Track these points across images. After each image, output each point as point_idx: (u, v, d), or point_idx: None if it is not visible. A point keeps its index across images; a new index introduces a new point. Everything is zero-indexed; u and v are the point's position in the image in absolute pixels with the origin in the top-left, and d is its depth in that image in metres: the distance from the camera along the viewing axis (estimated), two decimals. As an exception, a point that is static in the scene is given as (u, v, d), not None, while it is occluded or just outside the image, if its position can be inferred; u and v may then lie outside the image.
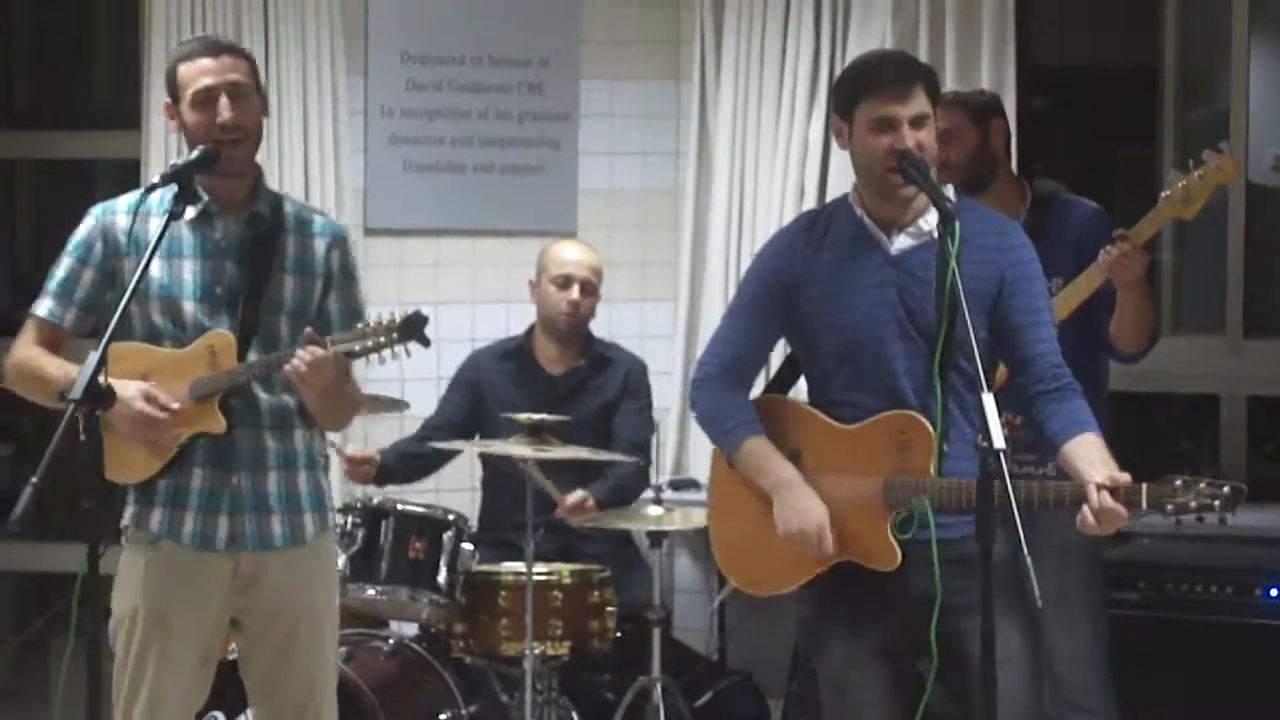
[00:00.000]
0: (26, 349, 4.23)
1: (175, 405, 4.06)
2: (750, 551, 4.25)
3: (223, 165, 4.12)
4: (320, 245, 4.24)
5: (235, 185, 4.19)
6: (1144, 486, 3.78)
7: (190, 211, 4.14)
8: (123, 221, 4.18)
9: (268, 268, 4.18)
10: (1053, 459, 4.14)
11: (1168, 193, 4.69)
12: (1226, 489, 3.74)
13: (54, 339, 4.21)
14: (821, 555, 4.05)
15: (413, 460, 5.93)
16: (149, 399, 4.04)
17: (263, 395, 4.17)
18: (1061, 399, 4.01)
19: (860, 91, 4.08)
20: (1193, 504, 3.75)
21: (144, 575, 4.15)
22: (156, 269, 4.13)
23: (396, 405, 5.81)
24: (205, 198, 4.16)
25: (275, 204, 4.26)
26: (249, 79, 4.18)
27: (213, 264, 4.16)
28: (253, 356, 4.12)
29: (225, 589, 4.18)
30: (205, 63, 4.16)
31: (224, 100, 4.11)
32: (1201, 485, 3.75)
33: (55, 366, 4.16)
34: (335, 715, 4.34)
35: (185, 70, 4.17)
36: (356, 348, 3.94)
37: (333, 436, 5.43)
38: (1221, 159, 4.65)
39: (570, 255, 6.05)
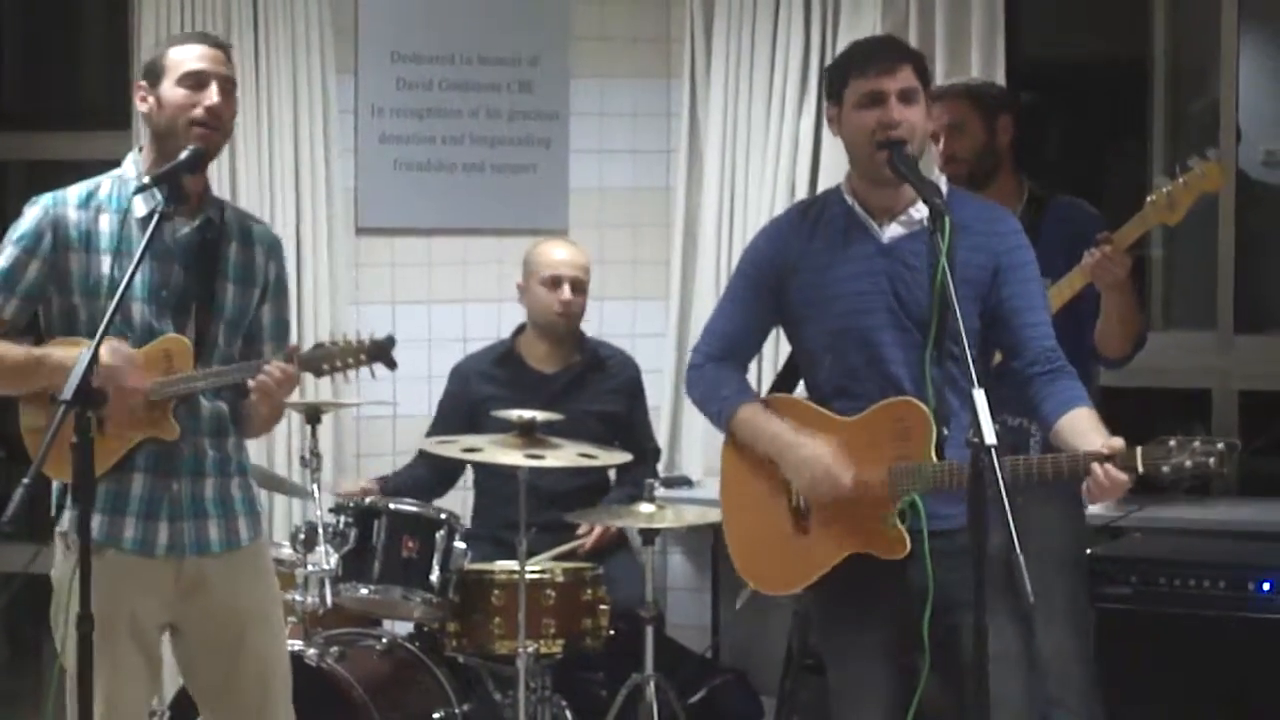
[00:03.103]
0: None
1: (139, 357, 4.03)
2: (764, 550, 4.25)
3: (200, 155, 4.09)
4: (260, 254, 4.24)
5: (197, 183, 4.15)
6: (1138, 450, 3.78)
7: (141, 210, 4.11)
8: (73, 215, 4.12)
9: (214, 275, 4.16)
10: (1035, 439, 4.22)
11: (1153, 198, 4.69)
12: (1221, 445, 3.74)
13: None
14: (842, 490, 4.04)
15: (410, 491, 5.92)
16: (114, 352, 3.98)
17: (204, 402, 4.16)
18: (1054, 379, 4.05)
19: (849, 71, 4.11)
20: (1188, 463, 3.75)
21: (87, 585, 4.05)
22: (107, 266, 4.09)
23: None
24: (159, 198, 4.05)
25: (220, 210, 4.24)
26: (233, 74, 4.17)
27: (161, 266, 4.13)
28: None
29: (168, 594, 4.16)
30: (202, 49, 4.15)
31: (215, 86, 4.10)
32: (1196, 443, 3.75)
33: (2, 347, 4.10)
34: (291, 713, 4.31)
35: (178, 53, 4.14)
36: (324, 366, 3.95)
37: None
38: (1207, 166, 4.63)
39: (558, 255, 6.04)
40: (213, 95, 4.09)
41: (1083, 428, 3.92)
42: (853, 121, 4.09)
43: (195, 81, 4.10)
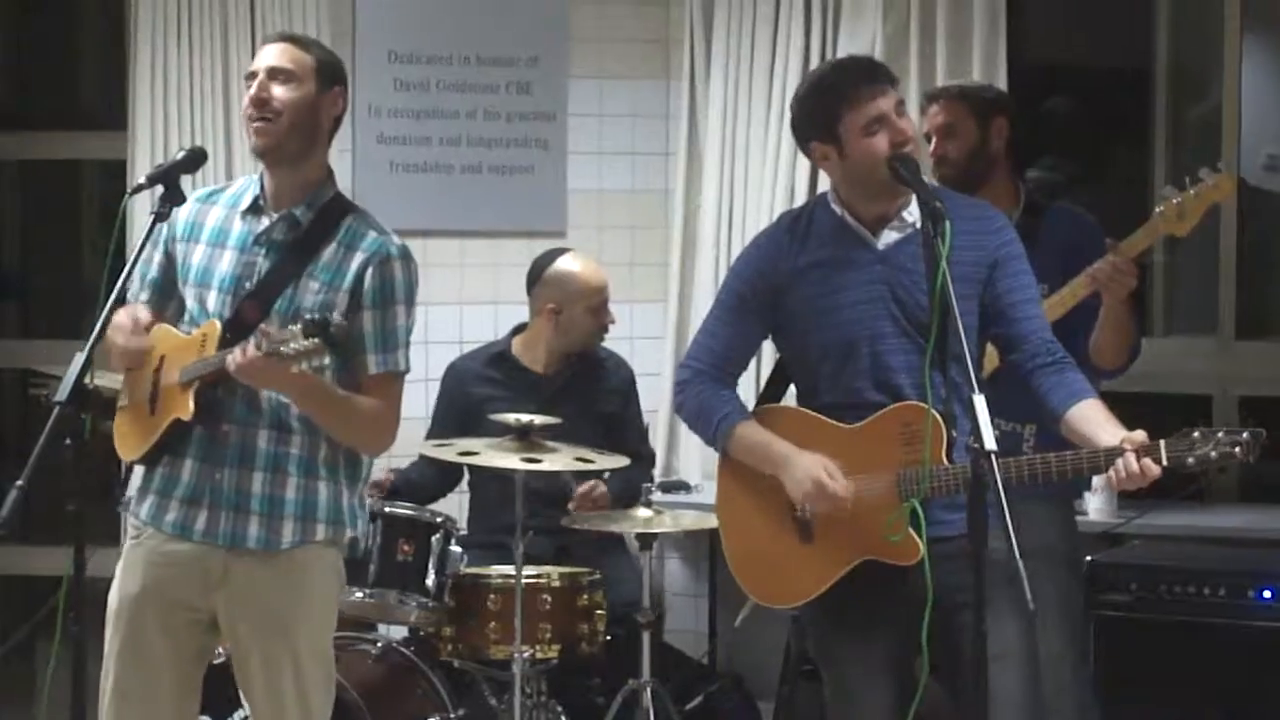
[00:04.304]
0: None
1: (146, 318, 4.07)
2: (768, 564, 4.22)
3: (255, 148, 4.13)
4: (358, 260, 4.14)
5: (285, 179, 4.16)
6: (1162, 443, 3.76)
7: (246, 201, 4.16)
8: (190, 208, 4.18)
9: (296, 271, 4.12)
10: (1028, 442, 4.26)
11: (1162, 208, 4.66)
12: (1246, 434, 3.73)
13: None
14: (842, 497, 4.00)
15: (420, 489, 5.89)
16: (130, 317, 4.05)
17: (268, 394, 4.10)
18: (1059, 371, 4.03)
19: (839, 106, 4.07)
20: (1214, 454, 3.73)
21: (122, 566, 4.14)
22: (199, 256, 4.15)
23: None
24: (259, 190, 4.17)
25: (334, 213, 4.20)
26: (298, 66, 4.14)
27: (247, 258, 4.14)
28: None
29: (198, 585, 4.13)
30: (263, 50, 4.20)
31: (259, 79, 4.11)
32: (1220, 434, 3.74)
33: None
34: None
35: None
36: (282, 350, 3.78)
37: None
38: (1219, 178, 4.62)
39: (599, 279, 6.00)
40: (251, 88, 4.11)
41: (1098, 418, 3.91)
42: (865, 150, 4.04)
43: (250, 80, 4.15)
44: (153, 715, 4.15)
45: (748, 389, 4.41)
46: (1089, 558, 5.26)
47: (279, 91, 4.11)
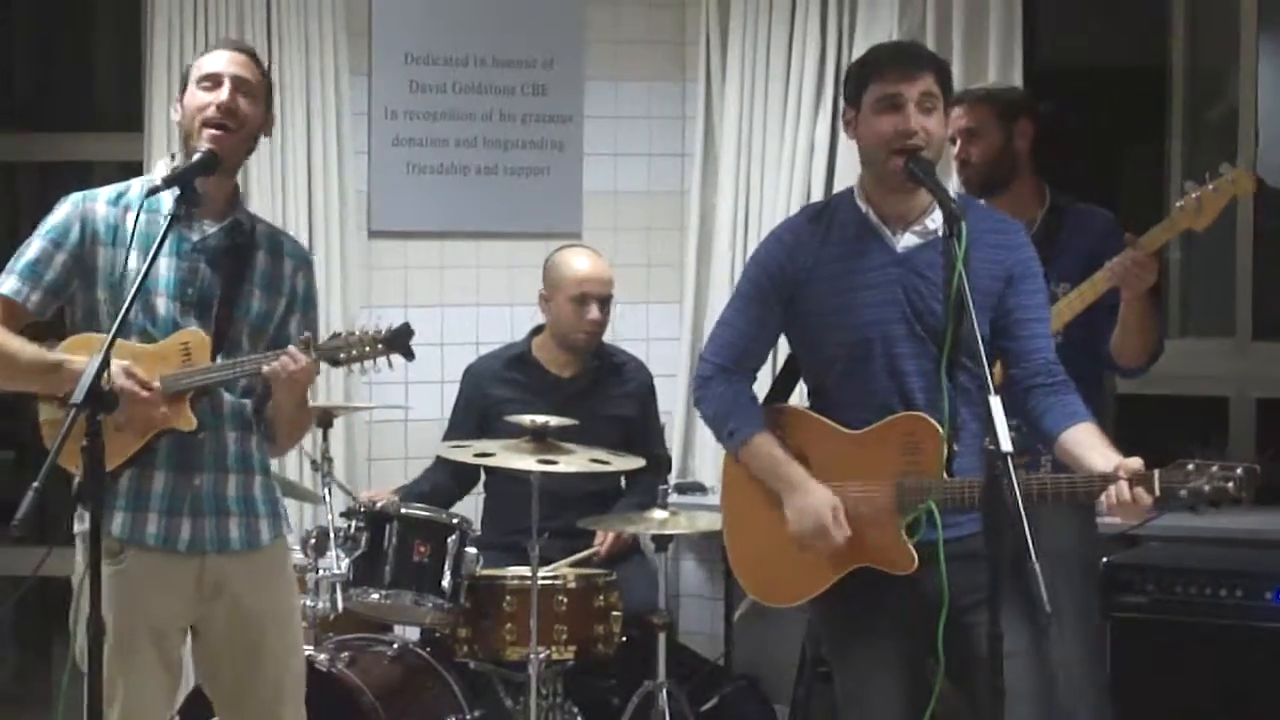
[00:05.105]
0: None
1: (156, 384, 4.01)
2: (767, 562, 4.22)
3: (205, 154, 4.10)
4: (288, 266, 4.25)
5: (216, 187, 4.16)
6: (1156, 473, 3.76)
7: (168, 206, 4.09)
8: (103, 210, 4.14)
9: (241, 278, 4.17)
10: (1046, 455, 4.20)
11: (1181, 203, 4.66)
12: (1240, 470, 3.73)
13: (14, 318, 4.13)
14: (839, 541, 4.00)
15: (431, 500, 5.87)
16: (130, 375, 3.97)
17: (227, 397, 4.16)
18: (1056, 392, 4.03)
19: (869, 74, 4.08)
20: (1207, 488, 3.73)
21: (109, 589, 4.00)
22: (133, 261, 4.09)
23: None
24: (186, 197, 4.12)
25: (250, 219, 4.26)
26: (257, 83, 4.17)
27: (188, 264, 4.14)
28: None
29: (189, 595, 4.15)
30: (222, 54, 4.18)
31: (227, 85, 4.10)
32: (1214, 468, 3.74)
33: (18, 344, 4.10)
34: (302, 715, 4.30)
35: (203, 59, 4.19)
36: (341, 355, 3.93)
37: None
38: (1237, 172, 4.62)
39: (585, 271, 5.98)
40: (223, 93, 4.09)
41: (1092, 442, 3.91)
42: (870, 126, 4.05)
43: (211, 83, 4.12)
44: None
45: (758, 385, 4.38)
46: (1105, 559, 5.24)
47: (244, 104, 4.13)
